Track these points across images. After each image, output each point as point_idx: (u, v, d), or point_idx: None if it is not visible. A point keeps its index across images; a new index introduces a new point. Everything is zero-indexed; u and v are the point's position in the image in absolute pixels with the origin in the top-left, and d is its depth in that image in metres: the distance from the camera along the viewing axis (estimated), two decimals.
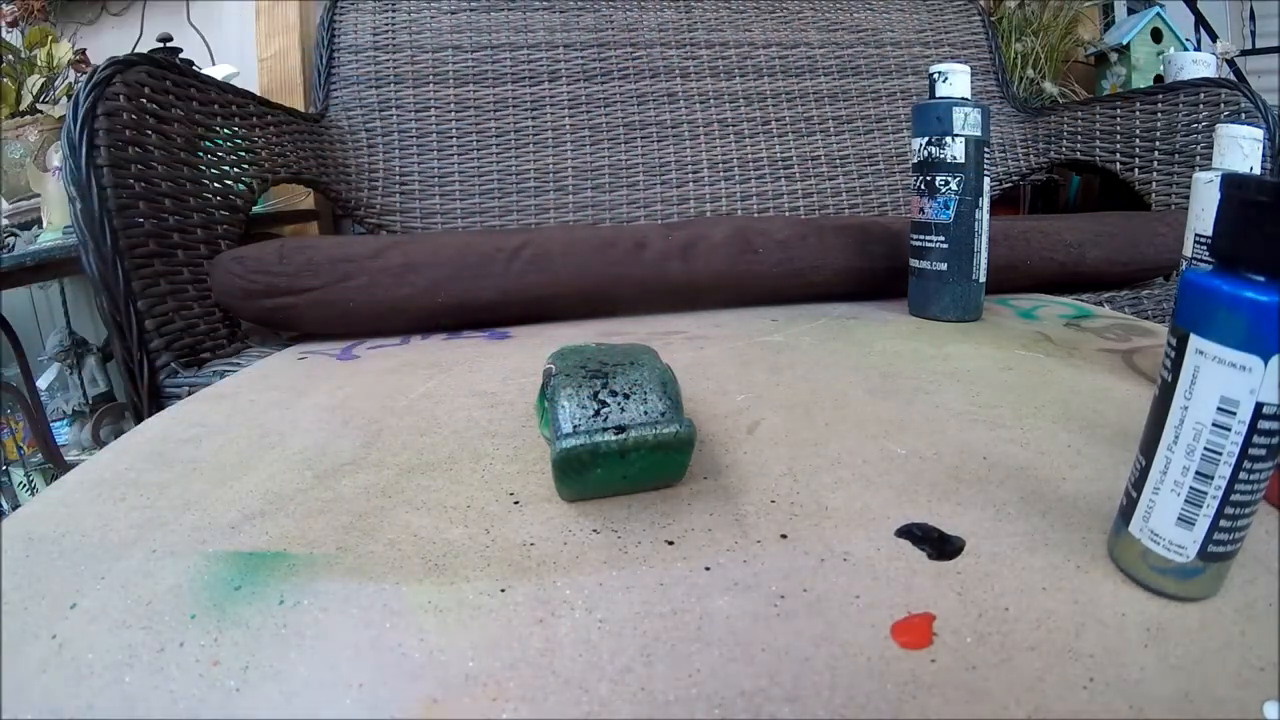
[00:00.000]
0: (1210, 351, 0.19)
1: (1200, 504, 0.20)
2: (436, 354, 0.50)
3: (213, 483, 0.31)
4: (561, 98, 0.98)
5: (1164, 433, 0.21)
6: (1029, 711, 0.19)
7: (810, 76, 1.05)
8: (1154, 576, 0.22)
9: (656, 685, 0.20)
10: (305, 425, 0.37)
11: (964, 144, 0.53)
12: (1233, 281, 0.19)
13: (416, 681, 0.20)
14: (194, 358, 0.58)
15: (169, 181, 0.60)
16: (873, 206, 1.03)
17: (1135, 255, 0.71)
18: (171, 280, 0.58)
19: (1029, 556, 0.24)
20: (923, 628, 0.21)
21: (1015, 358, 0.45)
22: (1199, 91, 0.85)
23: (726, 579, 0.24)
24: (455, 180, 0.95)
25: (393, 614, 0.22)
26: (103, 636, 0.22)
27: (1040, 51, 1.21)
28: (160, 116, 0.61)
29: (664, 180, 0.99)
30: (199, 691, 0.20)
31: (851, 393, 0.39)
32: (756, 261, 0.62)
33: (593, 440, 0.25)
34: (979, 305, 0.56)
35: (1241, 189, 0.19)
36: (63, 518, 0.28)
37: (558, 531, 0.26)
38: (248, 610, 0.23)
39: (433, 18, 0.98)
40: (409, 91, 0.96)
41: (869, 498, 0.28)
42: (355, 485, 0.30)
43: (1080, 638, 0.21)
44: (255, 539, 0.26)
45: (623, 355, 0.30)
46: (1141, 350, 0.47)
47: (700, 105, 1.01)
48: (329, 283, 0.55)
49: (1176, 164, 0.87)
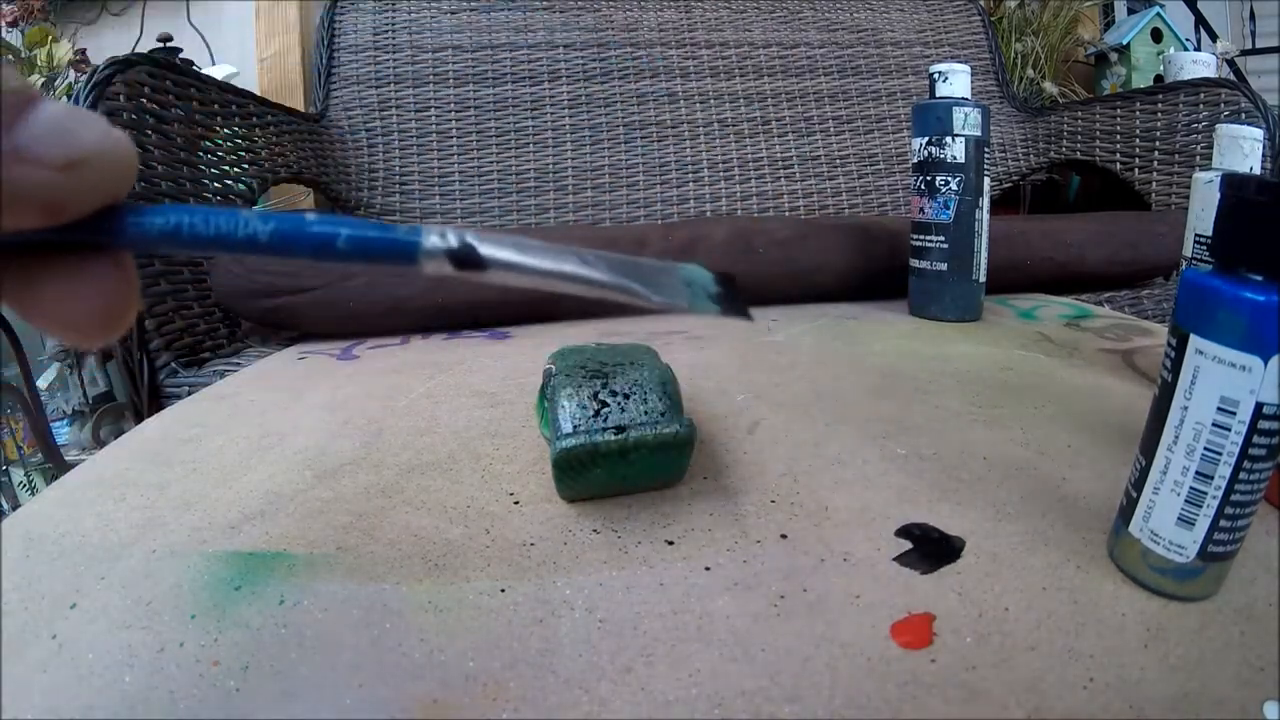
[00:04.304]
0: (1210, 351, 0.19)
1: (1200, 504, 0.20)
2: (436, 354, 0.50)
3: (213, 483, 0.31)
4: (561, 98, 0.98)
5: (1164, 433, 0.21)
6: (1029, 711, 0.19)
7: (810, 76, 1.05)
8: (1154, 576, 0.22)
9: (656, 685, 0.20)
10: (305, 425, 0.37)
11: (964, 144, 0.53)
12: (1232, 281, 0.19)
13: (416, 681, 0.20)
14: (194, 358, 0.58)
15: (169, 181, 0.60)
16: (873, 206, 1.03)
17: (1135, 255, 0.71)
18: (171, 280, 0.58)
19: (1029, 556, 0.24)
20: (923, 628, 0.21)
21: (1015, 358, 0.45)
22: (1199, 91, 0.85)
23: (726, 579, 0.24)
24: (455, 180, 0.95)
25: (393, 614, 0.22)
26: (103, 636, 0.22)
27: (1040, 51, 1.21)
28: (160, 116, 0.61)
29: (664, 180, 0.99)
30: (199, 691, 0.20)
31: (851, 393, 0.39)
32: (756, 261, 0.62)
33: (593, 440, 0.25)
34: (979, 305, 0.56)
35: (1241, 189, 0.19)
36: (63, 518, 0.28)
37: (558, 531, 0.26)
38: (248, 610, 0.23)
39: (433, 18, 0.98)
40: (409, 91, 0.96)
41: (869, 498, 0.28)
42: (355, 485, 0.30)
43: (1080, 638, 0.21)
44: (255, 539, 0.26)
45: (623, 355, 0.30)
46: (1141, 350, 0.47)
47: (700, 105, 1.01)
48: (329, 282, 0.55)
49: (1176, 164, 0.87)
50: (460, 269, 0.13)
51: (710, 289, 0.15)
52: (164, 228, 0.12)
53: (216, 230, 0.12)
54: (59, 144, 0.11)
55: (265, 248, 0.12)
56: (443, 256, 0.13)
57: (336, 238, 0.13)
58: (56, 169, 0.11)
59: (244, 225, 0.12)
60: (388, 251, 0.13)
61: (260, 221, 0.12)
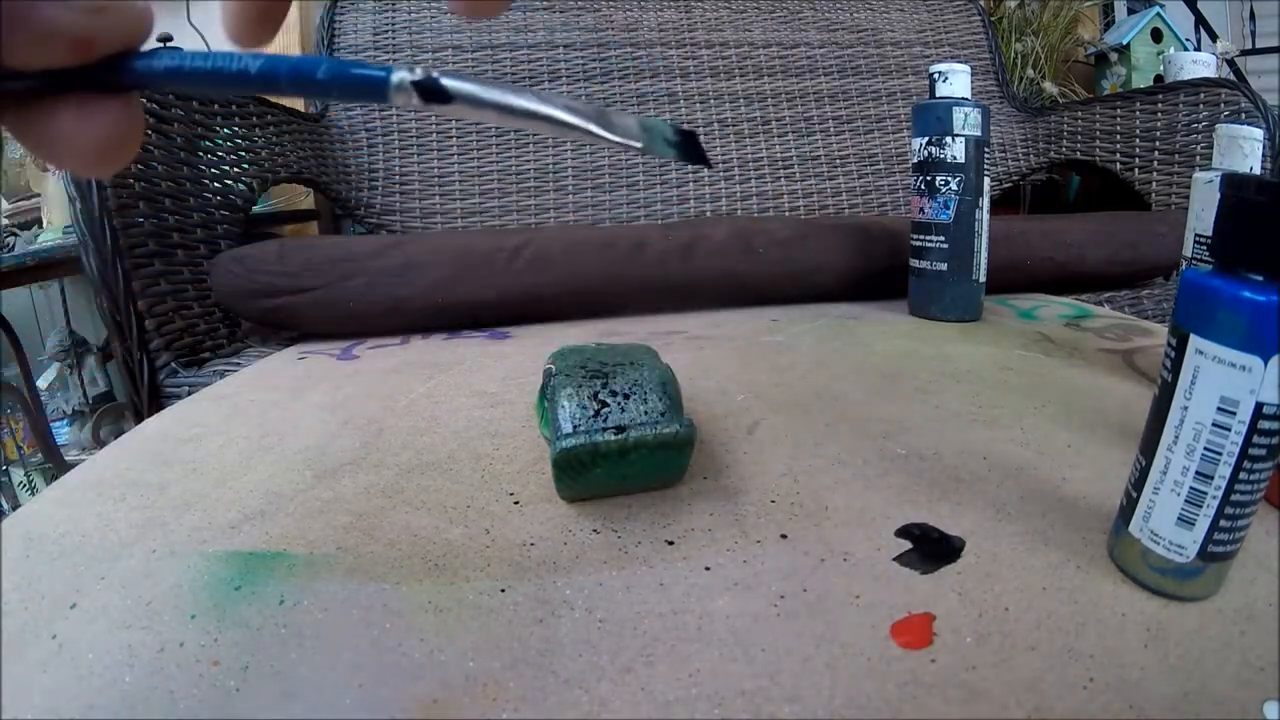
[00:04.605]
0: (1210, 351, 0.19)
1: (1200, 504, 0.20)
2: (436, 354, 0.50)
3: (213, 483, 0.31)
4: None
5: (1164, 433, 0.21)
6: (1029, 711, 0.19)
7: (810, 76, 1.05)
8: (1154, 576, 0.22)
9: (656, 685, 0.20)
10: (305, 425, 0.37)
11: (964, 144, 0.53)
12: (1232, 281, 0.19)
13: (416, 681, 0.20)
14: (194, 358, 0.58)
15: (169, 181, 0.60)
16: (873, 206, 1.03)
17: (1135, 255, 0.71)
18: (171, 280, 0.58)
19: (1029, 556, 0.24)
20: (923, 628, 0.21)
21: (1015, 358, 0.45)
22: (1199, 91, 0.85)
23: (726, 579, 0.24)
24: (455, 180, 0.95)
25: (393, 614, 0.22)
26: (103, 636, 0.22)
27: (1040, 51, 1.21)
28: (160, 116, 0.61)
29: (664, 180, 0.99)
30: (199, 691, 0.20)
31: (851, 393, 0.39)
32: (756, 261, 0.62)
33: (593, 440, 0.25)
34: (979, 305, 0.56)
35: (1241, 189, 0.19)
36: (63, 518, 0.28)
37: (558, 531, 0.26)
38: (248, 610, 0.23)
39: (433, 18, 0.98)
40: None
41: (869, 498, 0.28)
42: (355, 485, 0.30)
43: (1080, 638, 0.21)
44: (255, 539, 0.26)
45: (623, 355, 0.30)
46: (1141, 350, 0.47)
47: (700, 105, 1.01)
48: (329, 282, 0.55)
49: (1176, 164, 0.87)
50: (427, 101, 0.14)
51: (669, 136, 0.16)
52: (168, 66, 0.14)
53: (213, 65, 0.14)
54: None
55: (255, 80, 0.14)
56: (410, 89, 0.14)
57: (317, 68, 0.14)
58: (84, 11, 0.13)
59: (236, 61, 0.14)
60: (361, 83, 0.14)
61: (250, 59, 0.14)
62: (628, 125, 0.15)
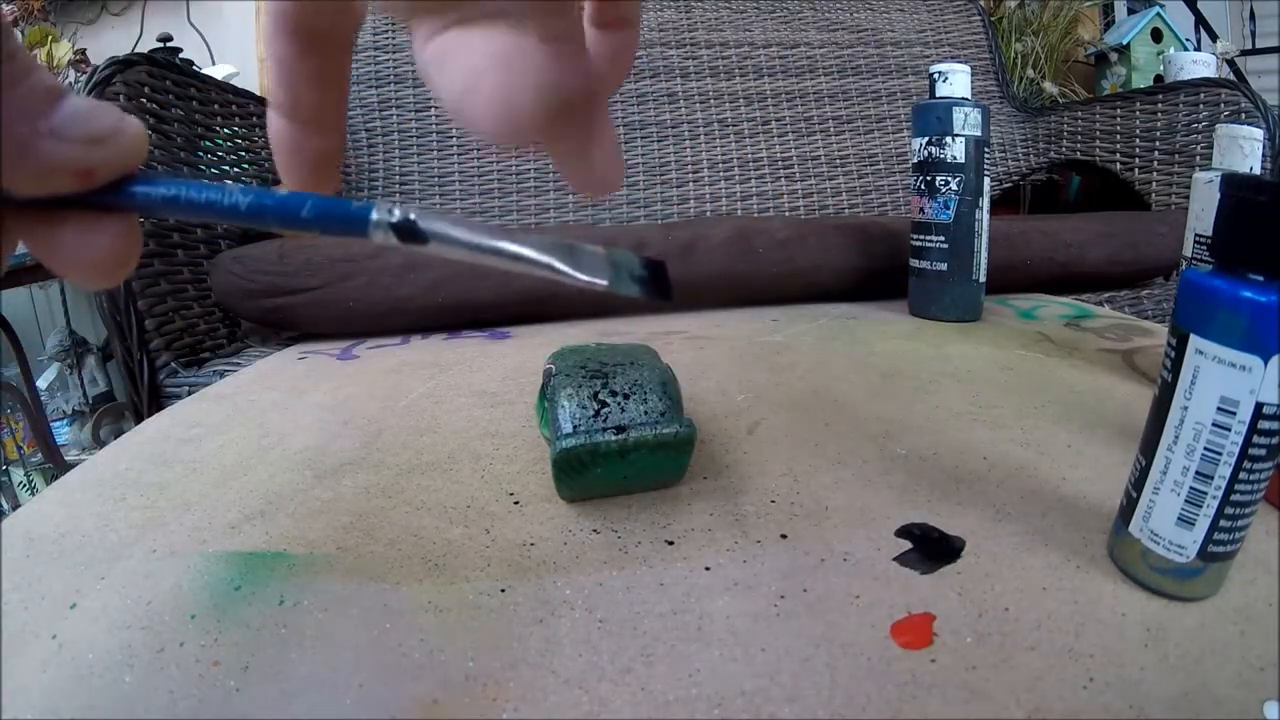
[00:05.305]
0: (1210, 351, 0.19)
1: (1200, 504, 0.20)
2: (436, 354, 0.50)
3: (213, 483, 0.31)
4: None
5: (1164, 433, 0.21)
6: (1029, 711, 0.19)
7: (810, 76, 1.05)
8: (1154, 576, 0.22)
9: (656, 685, 0.20)
10: (305, 425, 0.37)
11: (964, 144, 0.53)
12: (1233, 281, 0.19)
13: (416, 681, 0.20)
14: (194, 358, 0.59)
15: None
16: (873, 206, 1.03)
17: (1135, 255, 0.71)
18: (171, 280, 0.58)
19: (1029, 556, 0.24)
20: (923, 628, 0.21)
21: (1015, 358, 0.45)
22: (1199, 91, 0.85)
23: (726, 579, 0.24)
24: (455, 180, 0.95)
25: (393, 614, 0.22)
26: (103, 636, 0.22)
27: (1040, 51, 1.21)
28: (160, 116, 0.61)
29: (664, 180, 0.99)
30: (199, 691, 0.20)
31: (851, 393, 0.39)
32: (756, 261, 0.62)
33: (593, 440, 0.25)
34: (979, 305, 0.56)
35: (1241, 189, 0.19)
36: (63, 518, 0.28)
37: (558, 531, 0.26)
38: (248, 610, 0.23)
39: None
40: (409, 91, 0.96)
41: (869, 498, 0.28)
42: (355, 485, 0.30)
43: (1080, 638, 0.21)
44: (255, 539, 0.26)
45: (623, 355, 0.30)
46: (1141, 350, 0.47)
47: (700, 105, 1.01)
48: (329, 282, 0.55)
49: (1176, 164, 0.87)
50: (404, 241, 0.15)
51: (635, 271, 0.17)
52: (165, 195, 0.15)
53: (207, 198, 0.15)
54: (84, 126, 0.14)
55: (244, 215, 0.15)
56: (388, 229, 0.15)
57: (302, 207, 0.15)
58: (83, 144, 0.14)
59: (227, 196, 0.15)
60: (343, 221, 0.15)
61: (240, 194, 0.15)
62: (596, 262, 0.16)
